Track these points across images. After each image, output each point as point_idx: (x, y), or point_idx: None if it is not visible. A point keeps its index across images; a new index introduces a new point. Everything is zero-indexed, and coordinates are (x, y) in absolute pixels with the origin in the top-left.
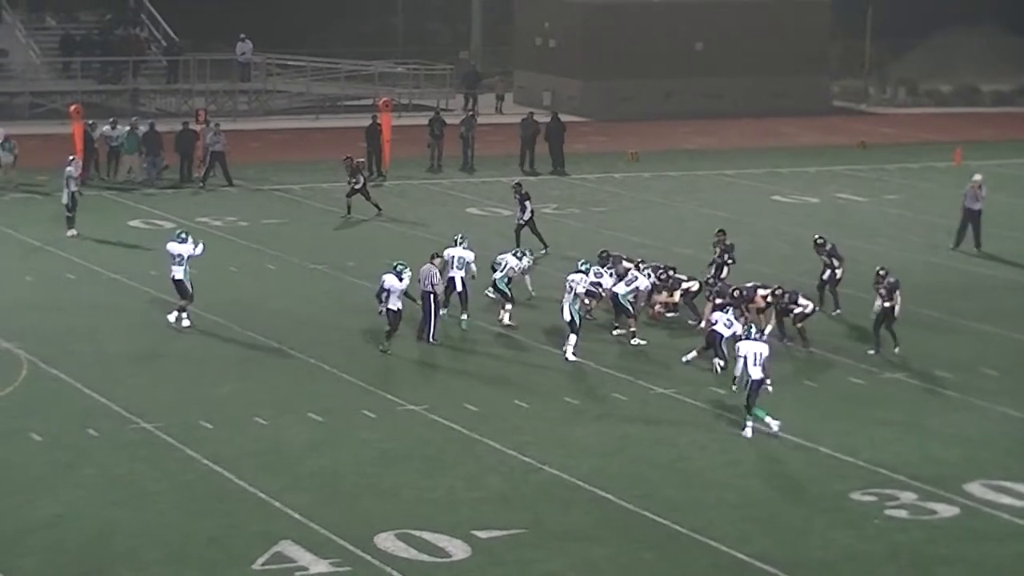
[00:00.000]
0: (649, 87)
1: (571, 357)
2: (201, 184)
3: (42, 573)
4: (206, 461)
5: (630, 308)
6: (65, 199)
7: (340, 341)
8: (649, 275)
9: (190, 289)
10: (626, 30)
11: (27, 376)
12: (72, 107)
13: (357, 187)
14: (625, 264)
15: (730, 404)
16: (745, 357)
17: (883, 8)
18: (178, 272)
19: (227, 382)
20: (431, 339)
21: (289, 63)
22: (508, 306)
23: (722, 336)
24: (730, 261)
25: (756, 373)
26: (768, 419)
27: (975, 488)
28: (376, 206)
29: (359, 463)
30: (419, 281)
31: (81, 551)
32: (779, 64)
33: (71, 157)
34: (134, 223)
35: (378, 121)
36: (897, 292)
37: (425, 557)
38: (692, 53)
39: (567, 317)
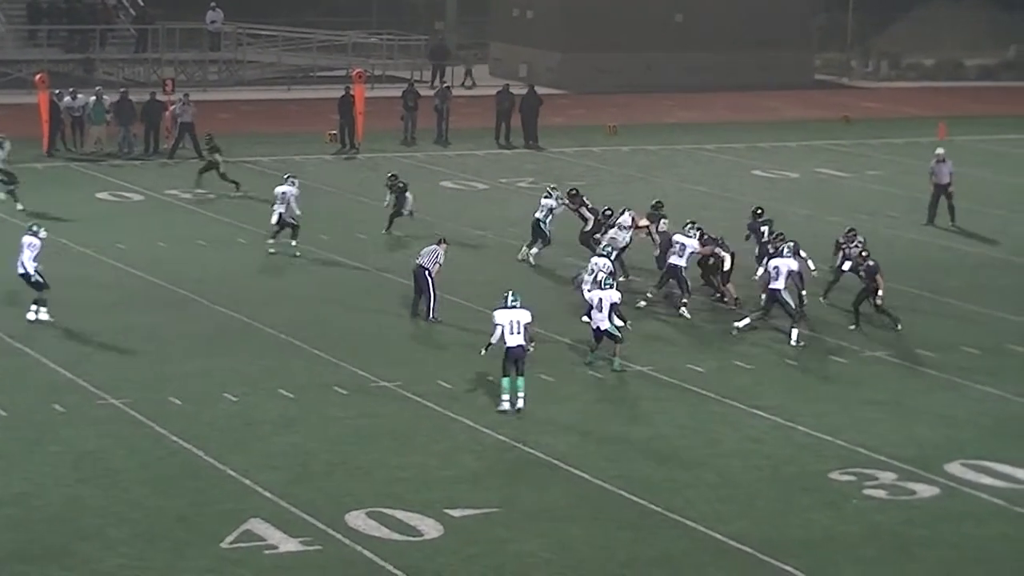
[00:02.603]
0: (629, 59)
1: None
2: (170, 156)
3: (7, 550)
4: (175, 438)
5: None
6: None
7: (311, 316)
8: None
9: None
10: (605, 1)
11: None
12: (37, 76)
13: (213, 164)
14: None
15: (709, 382)
16: (502, 325)
17: None
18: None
19: (196, 358)
20: (431, 316)
21: (261, 33)
22: (539, 246)
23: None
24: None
25: (515, 340)
26: (521, 394)
27: (955, 468)
28: (235, 183)
29: (330, 440)
30: (419, 257)
31: (47, 528)
32: (761, 37)
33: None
34: (102, 195)
35: (351, 92)
36: (878, 275)
37: (397, 536)
38: (672, 25)
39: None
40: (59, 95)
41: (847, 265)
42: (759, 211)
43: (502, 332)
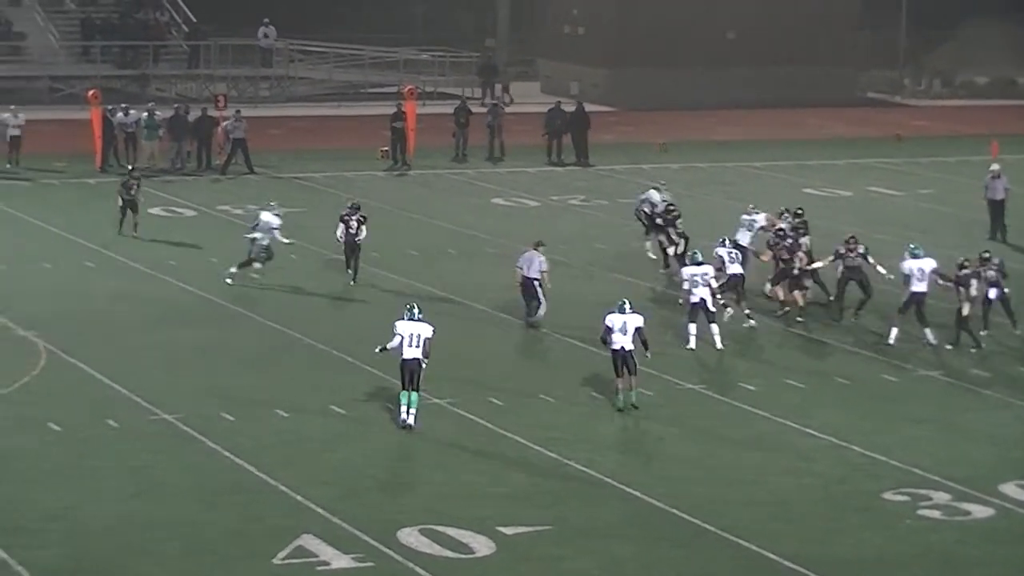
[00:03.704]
0: (678, 76)
1: (720, 346)
2: (222, 171)
3: (59, 565)
4: (226, 453)
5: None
6: None
7: (363, 333)
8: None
9: None
10: (655, 18)
11: (46, 365)
12: (90, 92)
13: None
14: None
15: (760, 401)
16: (402, 336)
17: None
18: None
19: (248, 373)
20: (537, 317)
21: (312, 49)
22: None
23: None
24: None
25: (412, 353)
26: (413, 410)
27: (1010, 489)
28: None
29: (382, 457)
30: (519, 267)
31: (98, 543)
32: (810, 54)
33: None
34: (154, 210)
35: (403, 109)
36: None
37: (449, 553)
38: (723, 42)
39: (711, 308)
40: (112, 111)
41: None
42: (800, 211)
43: (400, 343)
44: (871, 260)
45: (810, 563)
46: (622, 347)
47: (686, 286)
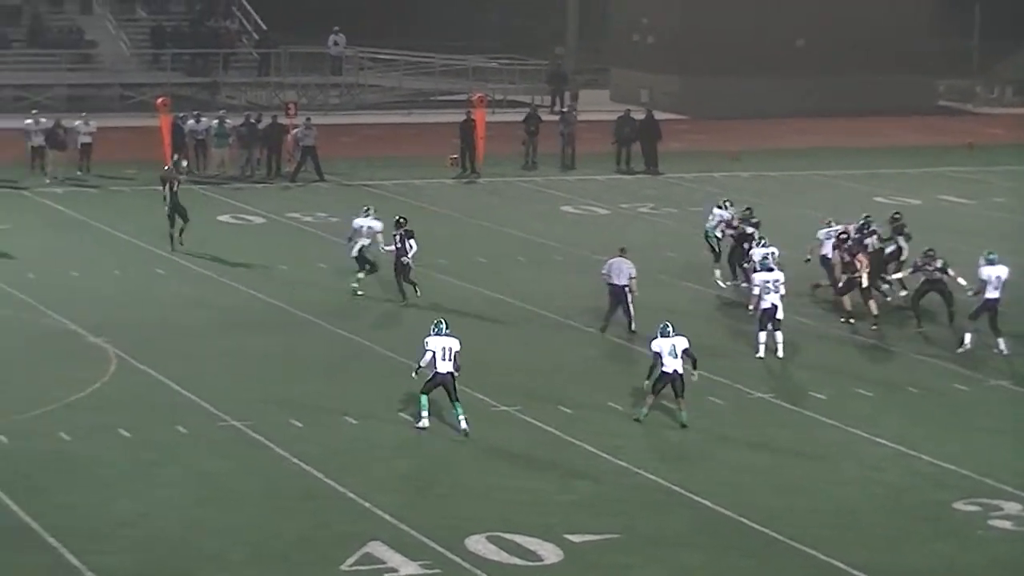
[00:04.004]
0: (748, 84)
1: (781, 354)
2: (292, 179)
3: (129, 571)
4: (295, 460)
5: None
6: None
7: None
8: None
9: None
10: (725, 26)
11: (116, 371)
12: (159, 100)
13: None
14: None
15: (829, 410)
16: (434, 351)
17: (991, 6)
18: None
19: (317, 380)
20: (631, 329)
21: (382, 57)
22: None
23: None
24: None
25: (445, 367)
26: (462, 418)
27: None
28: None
29: (450, 464)
30: (605, 274)
31: (168, 549)
32: (881, 62)
33: None
34: (224, 217)
35: (472, 117)
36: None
37: (517, 560)
38: (793, 49)
39: (780, 316)
40: (183, 118)
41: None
42: (897, 215)
43: (432, 358)
44: (951, 272)
45: (879, 573)
46: (674, 370)
47: (756, 292)
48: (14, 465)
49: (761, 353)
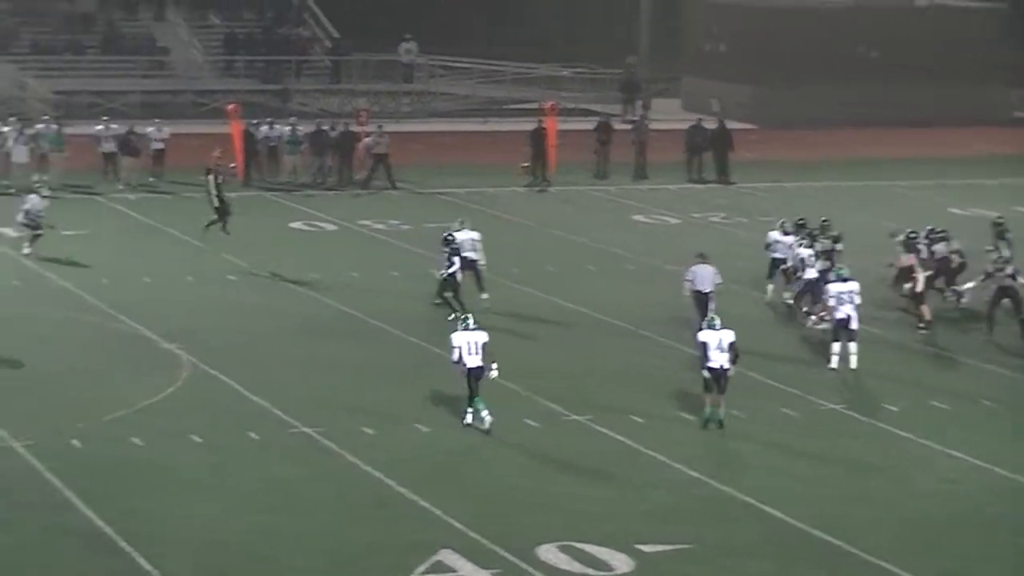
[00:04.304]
0: (821, 94)
1: (855, 365)
2: (364, 186)
3: (198, 574)
4: (366, 467)
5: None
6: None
7: (503, 348)
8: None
9: None
10: (798, 35)
11: (188, 377)
12: (229, 106)
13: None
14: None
15: (903, 422)
16: (460, 347)
17: None
18: None
19: (389, 387)
20: None
21: (453, 65)
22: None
23: None
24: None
25: (474, 362)
26: (484, 412)
27: None
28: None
29: (521, 473)
30: (688, 281)
31: (239, 556)
32: (955, 72)
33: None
34: (295, 224)
35: (544, 125)
36: None
37: (588, 570)
38: (866, 60)
39: (855, 326)
40: (256, 125)
41: None
42: (1000, 219)
43: (460, 353)
44: (1022, 280)
45: None
46: (720, 365)
47: (831, 303)
48: (87, 470)
49: (834, 364)
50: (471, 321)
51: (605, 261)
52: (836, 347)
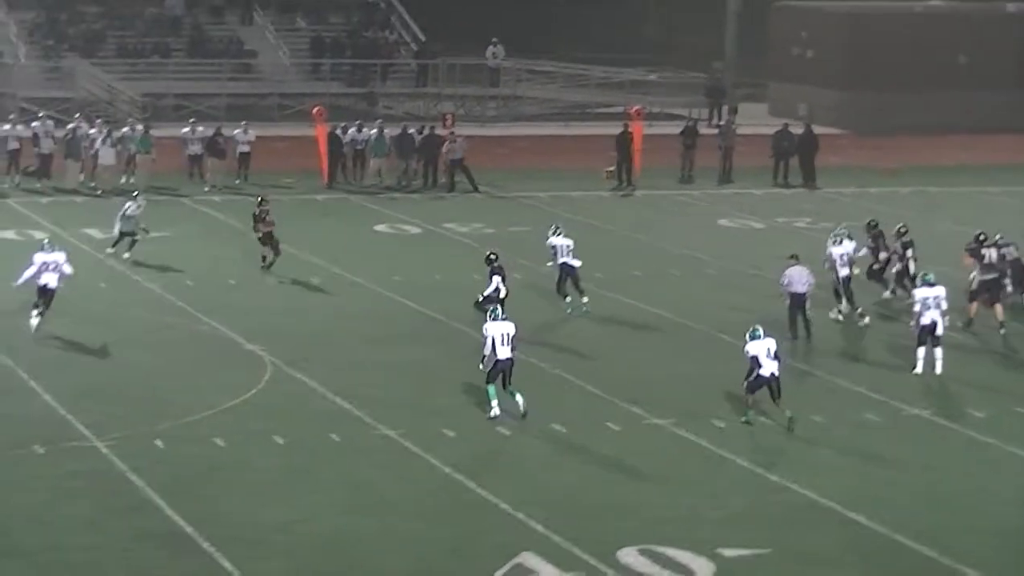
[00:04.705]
0: (909, 99)
1: (939, 370)
2: (448, 190)
3: (279, 575)
4: (447, 470)
5: None
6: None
7: (585, 351)
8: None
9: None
10: (887, 40)
11: (270, 379)
12: (314, 109)
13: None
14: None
15: (988, 428)
16: (493, 337)
17: None
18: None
19: (470, 391)
20: (808, 338)
21: (539, 69)
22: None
23: None
24: None
25: (505, 353)
26: (518, 396)
27: None
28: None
29: (602, 476)
30: (783, 283)
31: (320, 557)
32: None
33: (135, 193)
34: (380, 227)
35: (629, 130)
36: None
37: (668, 573)
38: (954, 65)
39: (940, 332)
40: (344, 128)
41: None
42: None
43: (493, 344)
44: None
45: None
46: (771, 373)
47: (917, 308)
48: (170, 470)
49: (919, 369)
50: (500, 311)
51: (689, 265)
52: (921, 352)
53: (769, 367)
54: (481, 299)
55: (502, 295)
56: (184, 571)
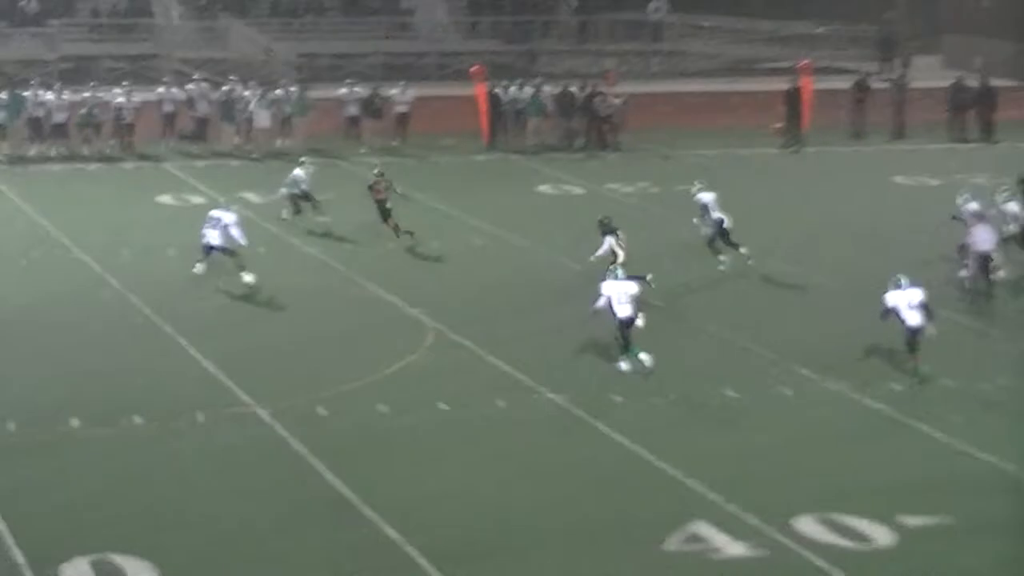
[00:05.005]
0: None
1: None
2: (613, 149)
3: (446, 545)
4: (616, 435)
5: None
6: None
7: (756, 314)
8: None
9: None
10: None
11: (433, 344)
12: (473, 68)
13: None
14: None
15: None
16: (608, 296)
17: None
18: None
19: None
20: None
21: (704, 24)
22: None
23: None
24: None
25: (624, 311)
26: (642, 355)
27: None
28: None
29: (776, 442)
30: (972, 243)
31: (486, 524)
32: None
33: (302, 160)
34: (542, 188)
35: (798, 85)
36: None
37: (847, 542)
38: None
39: None
40: (505, 87)
41: None
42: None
43: (608, 302)
44: None
45: None
46: (916, 324)
47: None
48: (332, 438)
49: None
50: (621, 272)
51: (861, 224)
52: None
53: (912, 318)
54: (592, 260)
55: (620, 258)
56: (346, 540)
